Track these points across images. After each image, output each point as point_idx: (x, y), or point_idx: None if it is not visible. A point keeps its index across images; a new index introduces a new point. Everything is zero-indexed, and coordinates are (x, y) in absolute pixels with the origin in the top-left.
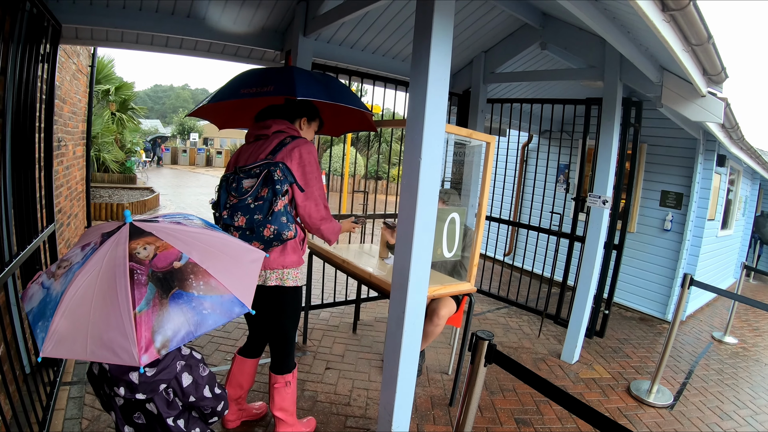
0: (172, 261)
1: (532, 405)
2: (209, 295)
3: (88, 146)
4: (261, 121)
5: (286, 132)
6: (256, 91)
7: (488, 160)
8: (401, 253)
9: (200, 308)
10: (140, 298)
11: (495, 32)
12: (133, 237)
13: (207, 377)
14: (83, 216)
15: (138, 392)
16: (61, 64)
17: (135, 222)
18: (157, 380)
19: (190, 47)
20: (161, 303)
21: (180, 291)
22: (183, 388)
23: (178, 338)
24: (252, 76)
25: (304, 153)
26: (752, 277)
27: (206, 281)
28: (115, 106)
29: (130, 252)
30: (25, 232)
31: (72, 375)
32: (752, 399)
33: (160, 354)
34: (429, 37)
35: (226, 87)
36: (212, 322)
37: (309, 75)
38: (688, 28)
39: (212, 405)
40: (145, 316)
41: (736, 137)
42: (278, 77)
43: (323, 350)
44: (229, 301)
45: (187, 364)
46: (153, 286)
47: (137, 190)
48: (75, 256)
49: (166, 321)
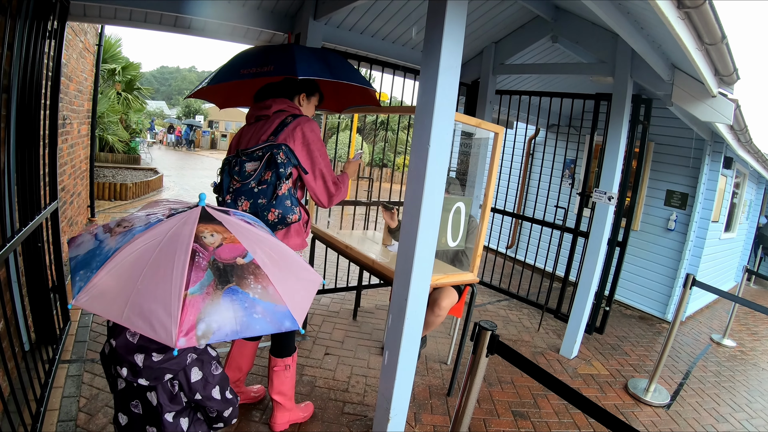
0: (237, 256)
1: (530, 398)
2: (264, 300)
3: (93, 125)
4: (261, 101)
5: (287, 111)
6: (256, 71)
7: (496, 151)
8: (406, 239)
9: (252, 311)
10: (195, 281)
11: (506, 23)
12: (203, 221)
13: (219, 377)
14: (86, 195)
15: (141, 377)
16: (68, 41)
17: (207, 207)
18: (164, 368)
19: (198, 27)
20: (215, 293)
21: (236, 287)
22: (191, 383)
23: (221, 333)
24: (251, 56)
25: (307, 131)
26: (753, 282)
27: (264, 286)
28: (121, 86)
29: (197, 233)
30: (27, 208)
31: (71, 353)
32: (748, 402)
33: (199, 343)
34: (442, 23)
35: (225, 67)
36: (260, 328)
37: (309, 52)
38: (702, 26)
39: (219, 408)
40: (195, 300)
41: (744, 140)
42: (278, 56)
43: (323, 336)
44: (282, 312)
45: (199, 359)
46: (211, 273)
47: (141, 171)
48: (138, 220)
49: (215, 312)
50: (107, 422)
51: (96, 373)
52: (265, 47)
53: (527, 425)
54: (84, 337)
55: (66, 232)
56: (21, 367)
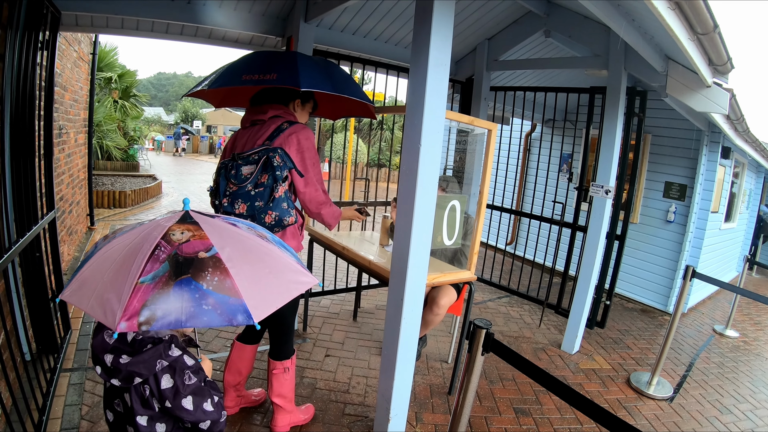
0: (200, 250)
1: (532, 395)
2: (217, 293)
3: (90, 134)
4: (257, 106)
5: (283, 117)
6: (259, 78)
7: (489, 147)
8: (400, 239)
9: (201, 302)
10: (149, 272)
11: (499, 19)
12: (180, 222)
13: (193, 387)
14: (85, 203)
15: (113, 377)
16: (62, 51)
17: (191, 211)
18: (131, 371)
19: (190, 34)
20: (166, 283)
21: (190, 279)
22: (161, 390)
23: (165, 321)
24: (255, 62)
25: (302, 139)
26: (755, 271)
27: (222, 279)
28: (118, 94)
29: (167, 231)
30: (24, 219)
31: (72, 362)
32: (752, 393)
33: (141, 329)
34: (429, 20)
35: (227, 71)
36: (207, 320)
37: (313, 63)
38: (693, 16)
39: (191, 419)
40: (144, 289)
41: (741, 129)
42: (282, 65)
43: (323, 337)
44: (236, 306)
45: (171, 366)
46: (168, 265)
47: (140, 178)
48: (128, 227)
49: (162, 301)
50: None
51: (98, 381)
52: (267, 54)
53: (529, 422)
54: (85, 345)
55: (65, 241)
56: (22, 377)
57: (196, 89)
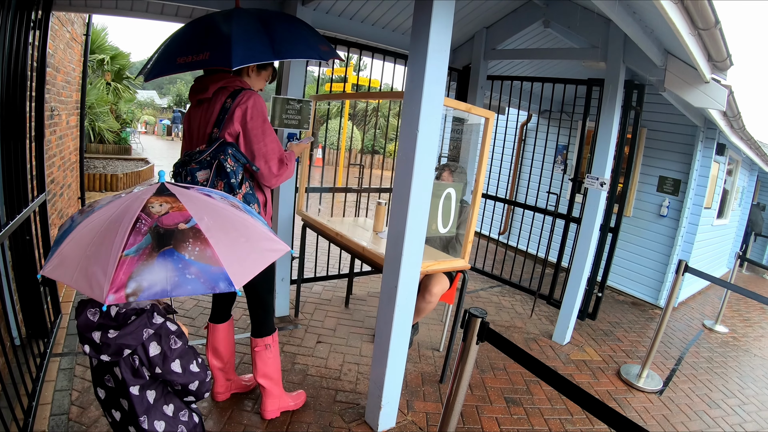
0: (179, 222)
1: (522, 385)
2: (199, 262)
3: (82, 116)
4: (199, 83)
5: (228, 87)
6: (192, 60)
7: (486, 136)
8: (395, 225)
9: (185, 271)
10: (132, 244)
11: (498, 8)
12: (157, 194)
13: (179, 350)
14: (77, 186)
15: (102, 353)
16: (55, 32)
17: (167, 183)
18: (120, 344)
19: (185, 15)
20: (150, 255)
21: (172, 250)
22: (150, 357)
23: (151, 291)
24: (187, 38)
25: (249, 107)
26: (745, 268)
27: (202, 249)
28: (111, 76)
29: (146, 204)
30: (14, 202)
31: (62, 346)
32: (740, 389)
33: (128, 300)
34: (430, 6)
35: (162, 56)
36: (191, 288)
37: (251, 29)
38: (695, 11)
39: (182, 381)
40: (129, 261)
41: (737, 126)
42: (214, 39)
43: (315, 324)
44: (216, 274)
45: (156, 334)
46: (150, 237)
47: (132, 161)
48: (105, 200)
49: (147, 272)
50: (99, 415)
51: (88, 365)
52: (200, 25)
53: (520, 411)
54: (75, 330)
55: (56, 224)
56: (12, 362)
57: (140, 75)
